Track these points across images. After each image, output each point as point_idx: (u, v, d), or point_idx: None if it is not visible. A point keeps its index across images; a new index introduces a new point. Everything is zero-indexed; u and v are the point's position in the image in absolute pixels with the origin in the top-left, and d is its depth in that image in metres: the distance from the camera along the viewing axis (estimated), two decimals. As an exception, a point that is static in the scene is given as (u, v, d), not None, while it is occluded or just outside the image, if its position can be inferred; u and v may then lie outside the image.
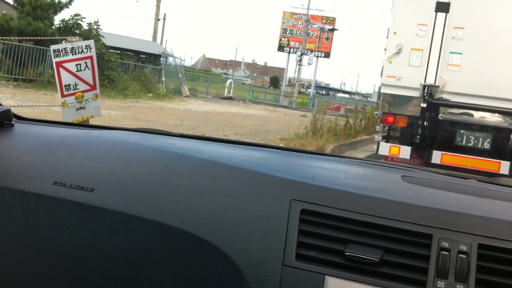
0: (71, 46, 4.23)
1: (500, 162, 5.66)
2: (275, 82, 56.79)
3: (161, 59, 24.01)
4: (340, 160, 1.54)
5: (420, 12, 5.87)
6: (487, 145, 5.82)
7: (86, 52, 4.33)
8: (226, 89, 27.52)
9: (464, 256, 0.90)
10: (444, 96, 5.82)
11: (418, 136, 6.13)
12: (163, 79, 21.55)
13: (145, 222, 1.04)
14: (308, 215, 0.99)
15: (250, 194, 1.06)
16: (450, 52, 5.75)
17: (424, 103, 5.81)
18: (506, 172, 5.59)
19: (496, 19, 5.57)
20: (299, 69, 35.53)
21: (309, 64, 35.05)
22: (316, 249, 0.96)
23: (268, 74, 75.95)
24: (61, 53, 4.16)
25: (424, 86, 5.80)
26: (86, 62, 4.34)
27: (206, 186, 1.10)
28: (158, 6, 30.12)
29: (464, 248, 0.91)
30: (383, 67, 6.21)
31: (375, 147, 6.40)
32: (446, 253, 0.91)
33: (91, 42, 4.45)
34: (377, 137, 6.44)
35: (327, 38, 37.32)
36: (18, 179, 1.16)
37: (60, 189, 1.13)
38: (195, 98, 22.13)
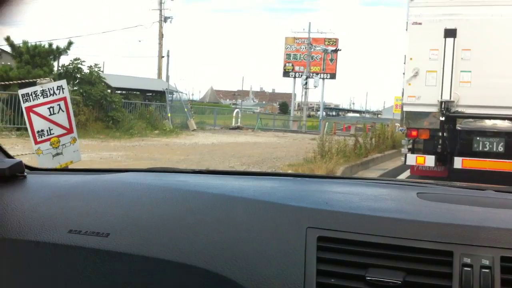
0: (41, 89, 3.92)
1: None
2: (284, 107, 56.73)
3: (169, 95, 24.20)
4: (353, 182, 1.53)
5: (432, 38, 6.70)
6: (501, 148, 6.60)
7: (59, 94, 4.01)
8: (234, 119, 27.29)
9: (487, 270, 0.88)
10: (459, 109, 6.65)
11: (439, 146, 6.94)
12: (169, 114, 21.51)
13: (162, 263, 1.04)
14: (326, 242, 0.98)
15: (266, 226, 1.05)
16: (461, 71, 6.59)
17: (442, 117, 6.67)
18: None
19: (497, 38, 6.43)
20: (305, 92, 35.80)
21: (315, 86, 35.20)
22: (337, 276, 0.94)
23: (277, 101, 76.09)
24: (30, 97, 3.86)
25: (441, 102, 6.65)
26: (59, 105, 4.01)
27: (221, 221, 1.09)
28: (160, 44, 30.25)
29: (486, 262, 0.89)
30: (403, 89, 7.10)
31: (403, 158, 7.24)
32: (469, 269, 0.89)
33: (63, 83, 4.15)
34: (404, 150, 7.24)
35: (331, 60, 37.50)
36: (33, 230, 1.16)
37: (75, 236, 1.12)
38: (203, 131, 21.86)
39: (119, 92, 24.65)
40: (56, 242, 1.12)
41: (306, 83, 34.88)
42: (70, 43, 16.64)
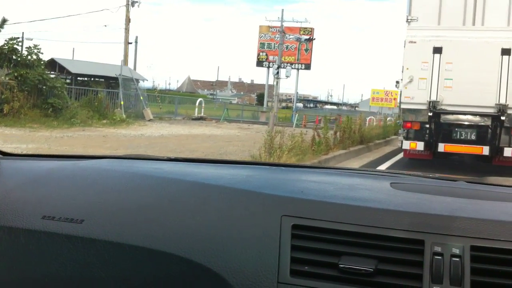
0: None
1: (482, 147, 8.77)
2: (262, 98, 55.46)
3: (134, 82, 22.54)
4: (329, 171, 1.56)
5: (423, 54, 8.91)
6: (473, 137, 8.90)
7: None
8: (197, 109, 25.65)
9: (458, 259, 0.90)
10: (443, 107, 8.90)
11: (427, 135, 9.14)
12: (122, 103, 19.78)
13: (137, 250, 1.03)
14: (300, 230, 0.98)
15: (241, 214, 1.06)
16: (445, 79, 8.85)
17: (430, 113, 8.90)
18: (487, 153, 8.74)
19: (472, 54, 8.71)
20: (277, 82, 33.73)
21: (287, 76, 33.18)
22: (310, 264, 0.95)
23: (255, 92, 74.87)
24: None
25: (429, 102, 8.89)
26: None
27: (197, 209, 1.09)
28: (127, 30, 28.72)
29: (457, 251, 0.90)
30: (401, 91, 9.49)
31: (399, 144, 9.57)
32: (439, 257, 0.90)
33: None
34: (400, 137, 9.59)
35: (306, 50, 36.27)
36: (6, 216, 1.14)
37: (49, 223, 1.11)
38: (160, 121, 20.24)
39: (80, 79, 22.86)
40: (29, 228, 1.11)
41: (278, 72, 33.07)
42: (4, 21, 14.64)
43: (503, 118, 8.57)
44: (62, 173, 1.33)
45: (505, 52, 8.56)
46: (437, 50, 8.82)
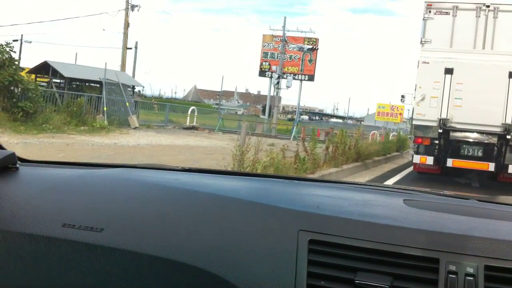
0: None
1: (488, 164, 9.25)
2: (269, 110, 54.73)
3: (129, 88, 21.34)
4: (342, 186, 1.56)
5: (435, 74, 9.44)
6: (480, 153, 9.39)
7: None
8: (188, 118, 24.16)
9: (472, 278, 0.91)
10: (453, 124, 9.43)
11: (436, 150, 9.64)
12: (105, 108, 18.51)
13: (155, 260, 1.04)
14: (317, 245, 0.99)
15: (258, 227, 1.06)
16: (455, 98, 9.33)
17: (440, 129, 9.41)
18: (493, 169, 9.23)
19: (481, 76, 9.19)
20: (277, 93, 32.95)
21: (288, 87, 32.43)
22: (326, 279, 0.96)
23: (262, 103, 74.07)
24: None
25: (440, 119, 9.40)
26: None
27: (215, 220, 1.09)
28: (125, 34, 27.65)
29: (471, 270, 0.91)
30: (413, 108, 9.98)
31: (410, 158, 10.22)
32: (454, 276, 0.91)
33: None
34: (411, 152, 10.26)
35: (310, 60, 34.65)
36: (26, 223, 1.15)
37: (69, 230, 1.11)
38: (147, 130, 18.99)
39: (74, 83, 21.92)
40: (49, 236, 1.11)
41: (278, 82, 32.24)
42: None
43: (508, 137, 9.05)
44: (80, 181, 1.33)
45: None
46: (449, 71, 9.35)
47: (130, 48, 29.83)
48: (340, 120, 73.20)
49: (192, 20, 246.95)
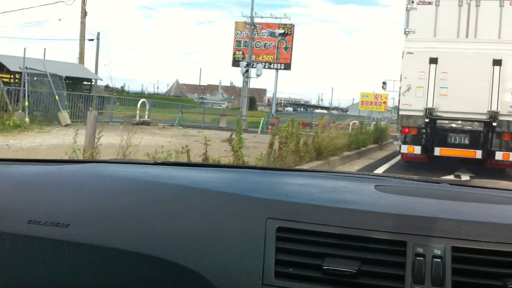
0: None
1: (475, 151, 9.34)
2: (253, 102, 53.62)
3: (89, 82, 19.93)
4: (314, 174, 1.58)
5: (420, 63, 9.50)
6: (467, 141, 9.52)
7: None
8: (138, 112, 20.52)
9: (439, 260, 0.91)
10: (439, 113, 9.49)
11: (423, 139, 9.76)
12: (26, 103, 15.80)
13: (123, 254, 1.03)
14: (284, 232, 0.99)
15: (226, 216, 1.06)
16: (440, 87, 9.42)
17: (426, 119, 9.44)
18: (480, 157, 9.30)
19: (465, 64, 9.28)
20: (246, 82, 30.04)
21: (257, 75, 29.54)
22: (295, 266, 0.97)
23: (247, 96, 74.54)
24: None
25: (426, 109, 9.45)
26: None
27: (183, 212, 1.09)
28: (83, 23, 25.50)
29: (438, 252, 0.92)
30: (399, 98, 9.95)
31: (398, 148, 10.26)
32: (421, 258, 0.92)
33: None
34: (397, 142, 10.42)
35: (286, 48, 32.16)
36: None
37: (35, 227, 1.11)
38: (79, 128, 13.45)
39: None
40: (15, 233, 1.10)
41: (247, 71, 29.04)
42: None
43: (494, 124, 9.16)
44: (47, 178, 1.33)
45: (496, 62, 9.14)
46: (433, 61, 9.40)
47: (92, 40, 28.18)
48: (325, 111, 73.55)
49: (175, 15, 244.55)
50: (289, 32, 31.86)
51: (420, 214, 0.99)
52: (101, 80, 23.80)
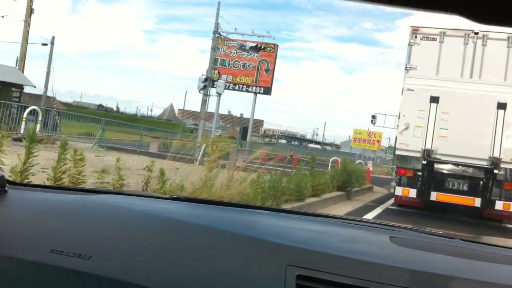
0: None
1: (474, 199, 8.83)
2: (245, 132, 53.90)
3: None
4: (329, 221, 1.58)
5: (420, 102, 9.01)
6: (465, 188, 8.96)
7: None
8: (23, 124, 14.21)
9: None
10: (437, 156, 8.99)
11: (419, 182, 9.13)
12: None
13: None
14: (304, 280, 0.99)
15: (245, 260, 1.06)
16: (440, 128, 8.94)
17: (424, 161, 8.94)
18: (479, 205, 8.82)
19: (468, 106, 8.82)
20: (205, 101, 24.13)
21: (218, 94, 23.96)
22: None
23: (242, 124, 74.58)
24: None
25: (424, 150, 8.96)
26: None
27: (201, 253, 1.09)
28: (27, 22, 22.42)
29: None
30: (396, 137, 9.48)
31: (392, 190, 9.69)
32: None
33: None
34: (393, 183, 9.69)
35: (267, 70, 28.94)
36: (15, 247, 1.14)
37: (57, 257, 1.11)
38: None
39: None
40: (37, 261, 1.10)
41: (205, 87, 23.16)
42: None
43: (496, 171, 8.62)
44: (69, 207, 1.34)
45: (501, 106, 8.65)
46: (434, 100, 8.95)
47: (46, 44, 24.85)
48: (319, 146, 73.50)
49: (179, 41, 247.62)
50: (261, 46, 27.96)
51: (438, 272, 1.00)
52: (34, 87, 20.46)
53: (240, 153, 12.02)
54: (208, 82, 23.49)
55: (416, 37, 9.25)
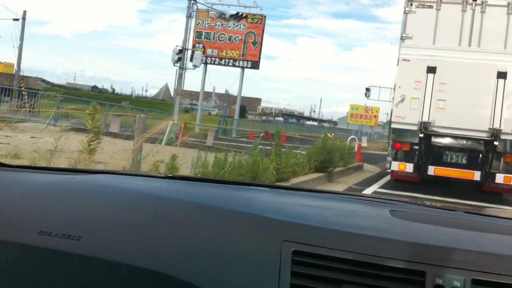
0: None
1: (473, 172, 8.46)
2: (243, 111, 53.29)
3: None
4: (328, 196, 1.58)
5: (416, 72, 8.60)
6: (464, 161, 8.61)
7: None
8: None
9: None
10: (434, 129, 8.59)
11: (416, 156, 8.82)
12: None
13: (134, 270, 1.01)
14: (300, 256, 0.98)
15: (241, 237, 1.04)
16: (438, 99, 8.54)
17: (421, 134, 8.58)
18: (478, 179, 8.46)
19: (466, 76, 8.41)
20: (180, 74, 21.55)
21: (195, 66, 21.79)
22: None
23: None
24: None
25: (421, 123, 8.58)
26: None
27: (195, 230, 1.07)
28: None
29: (458, 284, 0.91)
30: (392, 109, 9.02)
31: (388, 165, 9.23)
32: None
33: None
34: (389, 158, 9.28)
35: (254, 43, 27.02)
36: (2, 229, 1.13)
37: (45, 238, 1.09)
38: None
39: None
40: (25, 243, 1.09)
41: (179, 59, 20.47)
42: None
43: (496, 143, 8.26)
44: (59, 187, 1.31)
45: (501, 75, 8.25)
46: (431, 70, 8.55)
47: (17, 19, 23.99)
48: (316, 123, 73.33)
49: (174, 20, 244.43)
50: (241, 14, 24.83)
51: (439, 244, 0.98)
52: None
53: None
54: (183, 54, 20.96)
55: (411, 4, 8.80)
